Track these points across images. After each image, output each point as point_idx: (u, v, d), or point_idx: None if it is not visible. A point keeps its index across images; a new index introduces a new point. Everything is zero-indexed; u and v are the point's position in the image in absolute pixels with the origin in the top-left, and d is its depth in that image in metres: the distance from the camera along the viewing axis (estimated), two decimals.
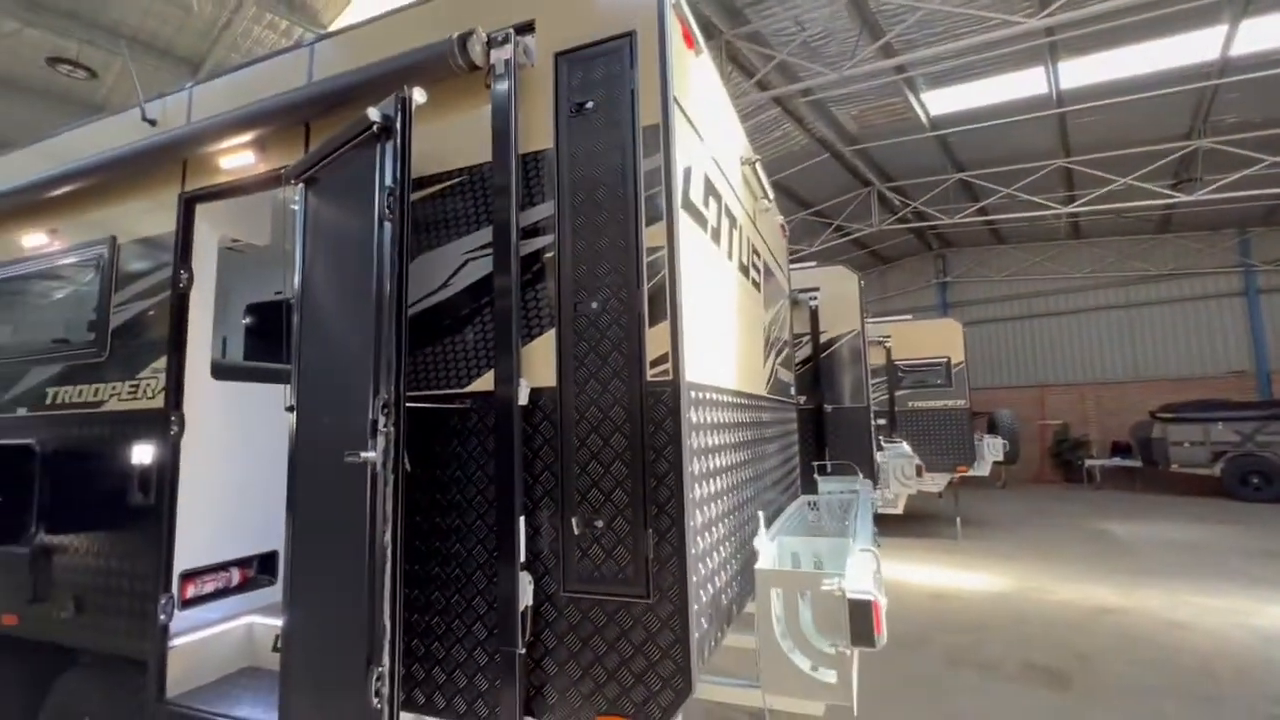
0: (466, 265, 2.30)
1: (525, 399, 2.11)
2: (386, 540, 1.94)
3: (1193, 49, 9.35)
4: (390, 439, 1.98)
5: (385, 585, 1.92)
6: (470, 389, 2.23)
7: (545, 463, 2.09)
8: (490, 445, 2.15)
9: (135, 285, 3.18)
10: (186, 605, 3.02)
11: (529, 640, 2.01)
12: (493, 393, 2.14)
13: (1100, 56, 9.47)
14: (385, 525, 1.95)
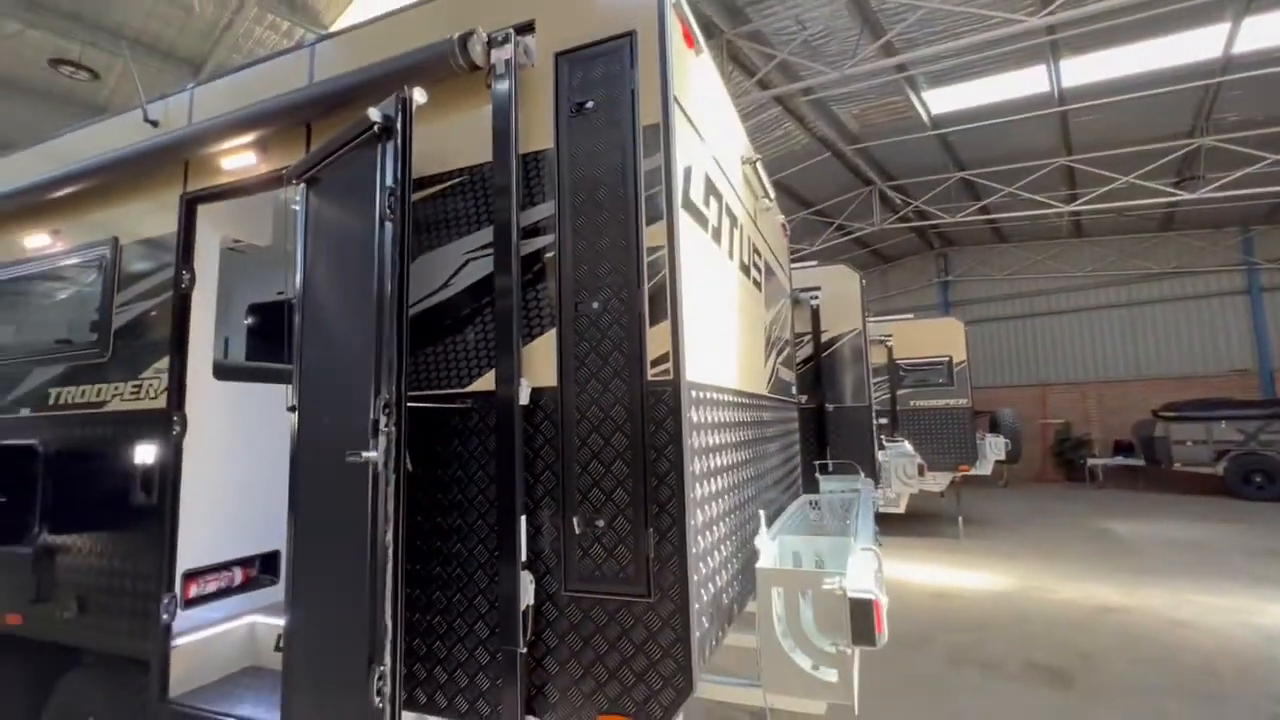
0: (467, 265, 2.31)
1: (526, 399, 2.11)
2: (388, 540, 1.95)
3: (1195, 47, 9.33)
4: (391, 439, 1.98)
5: (387, 585, 1.93)
6: (471, 389, 2.24)
7: (546, 462, 2.10)
8: (491, 445, 2.15)
9: (137, 286, 3.19)
10: (189, 605, 3.03)
11: (530, 639, 2.02)
12: (494, 392, 2.15)
13: (1102, 55, 9.45)
14: (387, 525, 1.95)
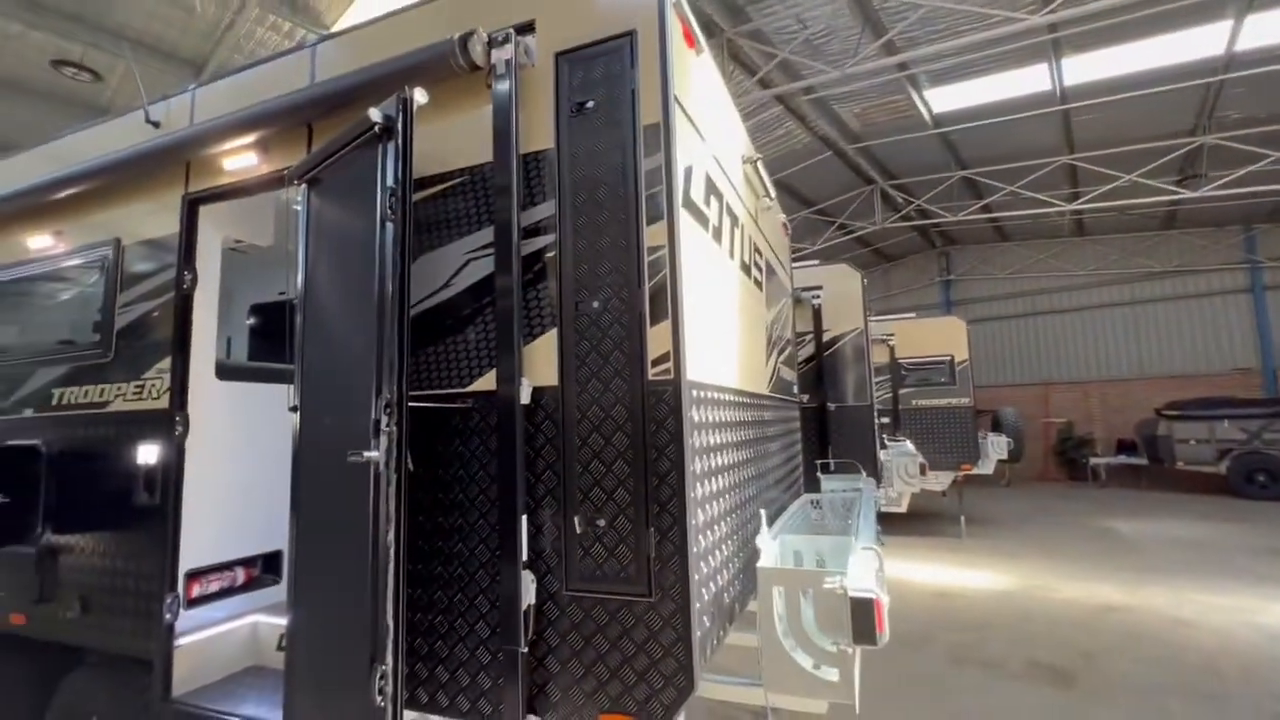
0: (468, 265, 2.31)
1: (527, 398, 2.11)
2: (389, 539, 1.95)
3: (1197, 45, 9.30)
4: (393, 439, 1.98)
5: (388, 584, 1.93)
6: (472, 388, 2.24)
7: (547, 461, 2.10)
8: (492, 444, 2.15)
9: (140, 286, 3.20)
10: (192, 604, 3.04)
11: (532, 639, 2.02)
12: (495, 392, 2.15)
13: (1104, 53, 9.43)
14: (388, 524, 1.95)
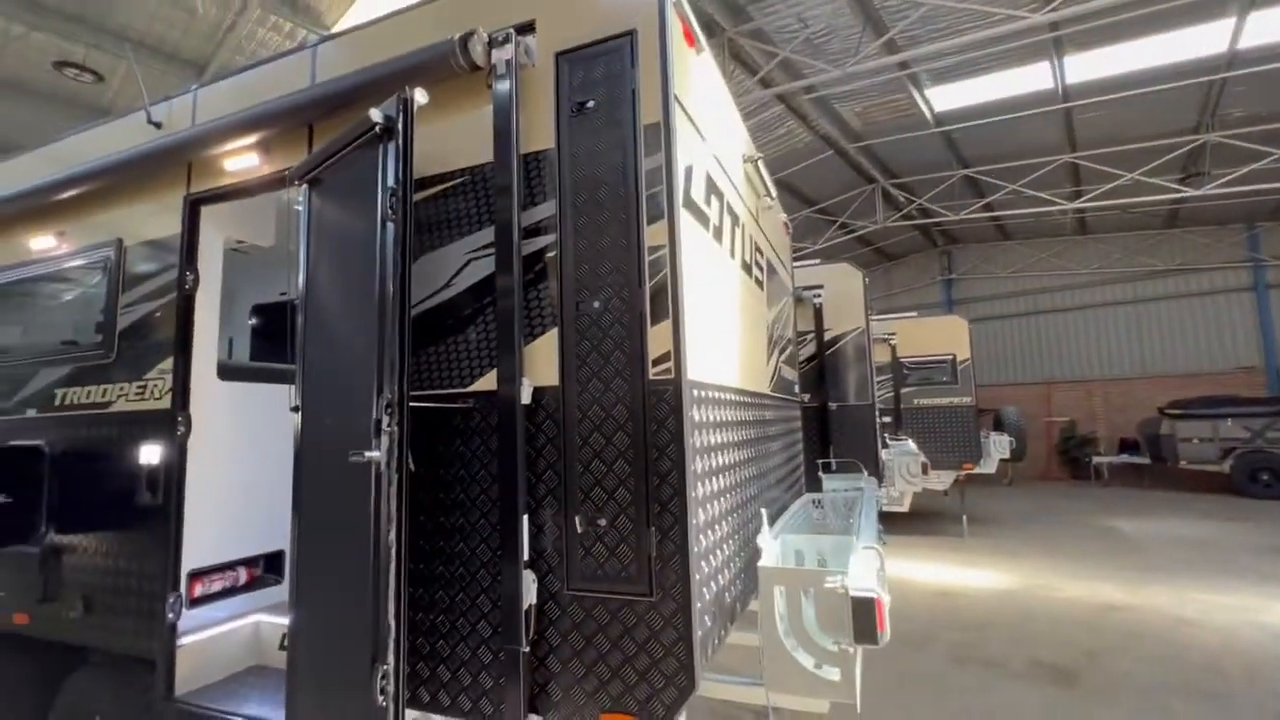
0: (469, 265, 2.31)
1: (528, 398, 2.12)
2: (391, 539, 1.95)
3: (1200, 42, 9.28)
4: (394, 438, 1.99)
5: (390, 584, 1.93)
6: (473, 388, 2.24)
7: (548, 461, 2.10)
8: (493, 444, 2.16)
9: (142, 287, 3.21)
10: (194, 604, 3.05)
11: (533, 638, 2.02)
12: (496, 392, 2.15)
13: (1106, 51, 9.41)
14: (390, 524, 1.96)
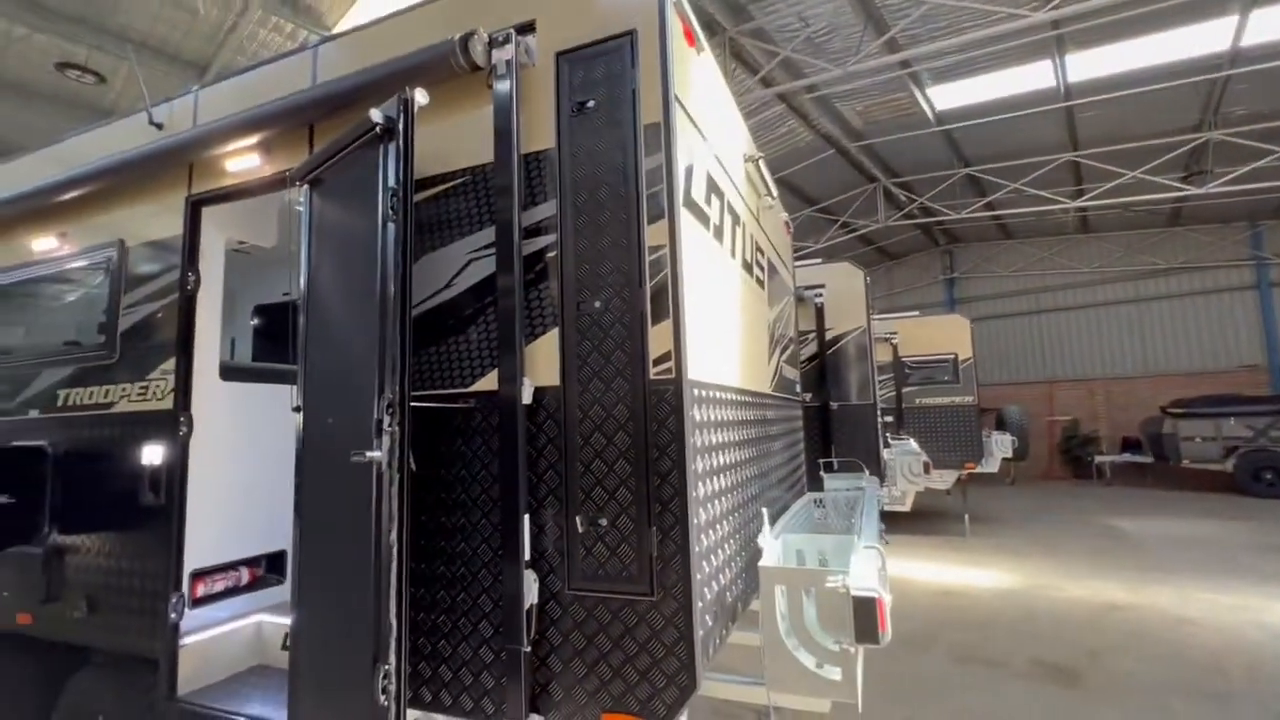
0: (470, 265, 2.31)
1: (529, 398, 2.12)
2: (392, 539, 1.95)
3: (1202, 40, 9.26)
4: (395, 439, 1.99)
5: (391, 584, 1.94)
6: (474, 388, 2.24)
7: (549, 461, 2.10)
8: (494, 444, 2.16)
9: (144, 288, 3.21)
10: (197, 604, 3.06)
11: (534, 638, 2.03)
12: (497, 392, 2.16)
13: (1108, 49, 9.40)
14: (391, 524, 1.96)
